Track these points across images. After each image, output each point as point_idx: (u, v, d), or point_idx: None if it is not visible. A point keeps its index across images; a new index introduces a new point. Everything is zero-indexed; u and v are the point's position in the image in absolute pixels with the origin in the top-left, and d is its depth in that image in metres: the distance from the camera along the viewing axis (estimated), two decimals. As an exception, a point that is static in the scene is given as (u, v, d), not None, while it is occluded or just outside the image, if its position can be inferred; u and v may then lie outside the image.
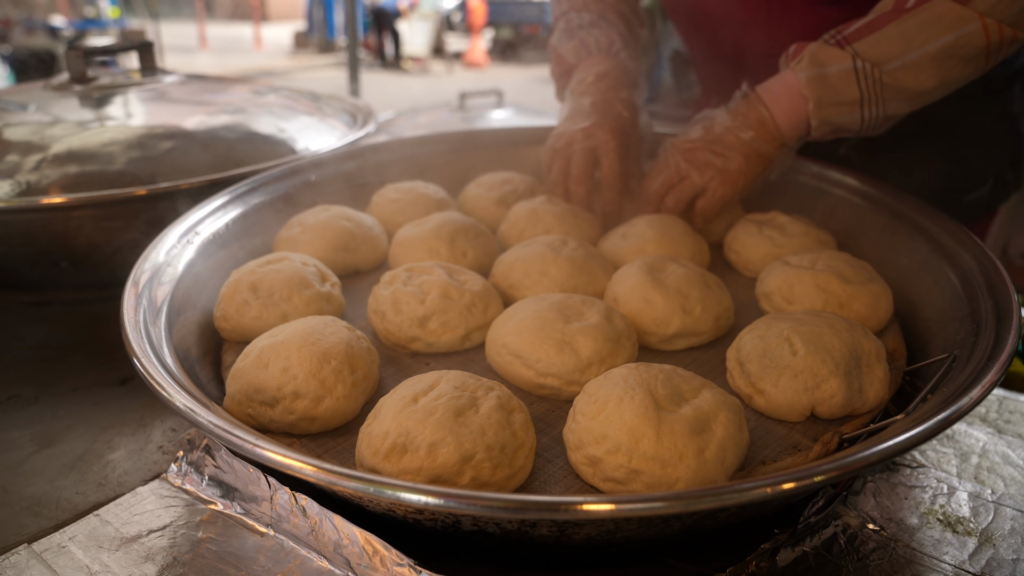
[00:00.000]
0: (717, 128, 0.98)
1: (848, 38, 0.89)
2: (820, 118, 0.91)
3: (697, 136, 0.99)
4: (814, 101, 0.90)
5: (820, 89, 0.89)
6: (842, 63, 0.88)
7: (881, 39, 0.87)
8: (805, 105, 0.91)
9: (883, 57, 0.87)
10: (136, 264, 0.80)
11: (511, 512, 0.48)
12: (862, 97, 0.88)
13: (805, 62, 0.90)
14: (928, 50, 0.85)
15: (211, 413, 0.57)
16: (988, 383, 0.59)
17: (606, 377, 0.66)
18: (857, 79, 0.87)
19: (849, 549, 0.62)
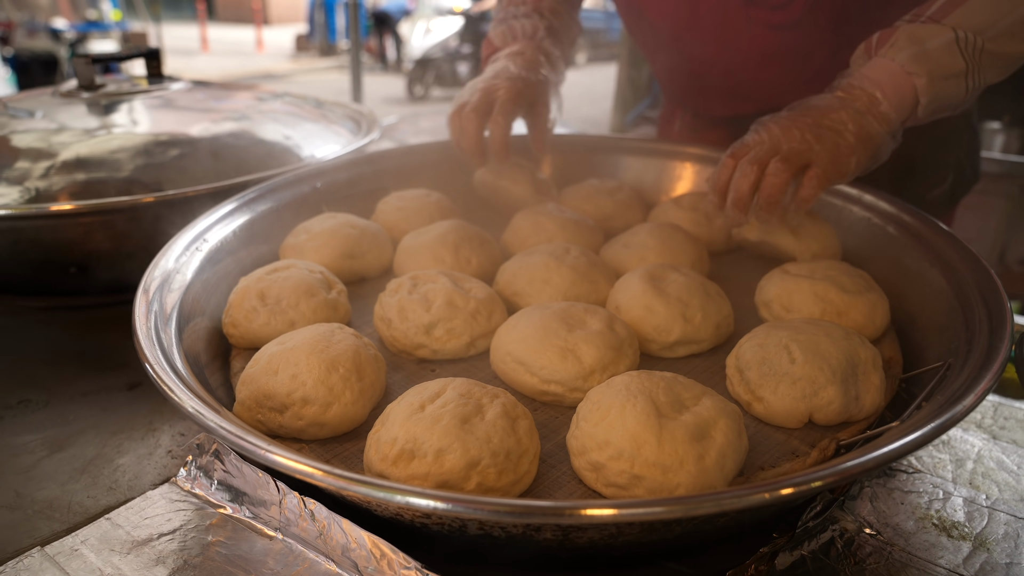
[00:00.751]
0: (821, 104, 0.91)
1: (934, 16, 0.88)
2: (932, 93, 0.88)
3: (803, 111, 0.91)
4: (926, 76, 0.87)
5: (929, 63, 0.86)
6: (942, 36, 0.87)
7: (973, 9, 0.86)
8: (910, 85, 0.88)
9: (980, 26, 0.86)
10: (147, 271, 0.81)
11: (516, 516, 0.49)
12: (967, 67, 0.87)
13: (902, 42, 0.88)
14: (1019, 15, 0.86)
15: (225, 420, 0.59)
16: (981, 391, 0.60)
17: (609, 384, 0.67)
18: (960, 49, 0.86)
19: (846, 553, 0.63)
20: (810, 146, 0.87)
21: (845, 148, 0.88)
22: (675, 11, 1.20)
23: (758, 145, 0.89)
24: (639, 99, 3.05)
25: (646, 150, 1.30)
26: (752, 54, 1.18)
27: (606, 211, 1.16)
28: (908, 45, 0.87)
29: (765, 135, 0.89)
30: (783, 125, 0.89)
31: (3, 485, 0.72)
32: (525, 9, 1.26)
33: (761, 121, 0.92)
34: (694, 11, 1.18)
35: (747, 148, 0.90)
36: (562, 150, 1.34)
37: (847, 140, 0.88)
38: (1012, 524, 0.67)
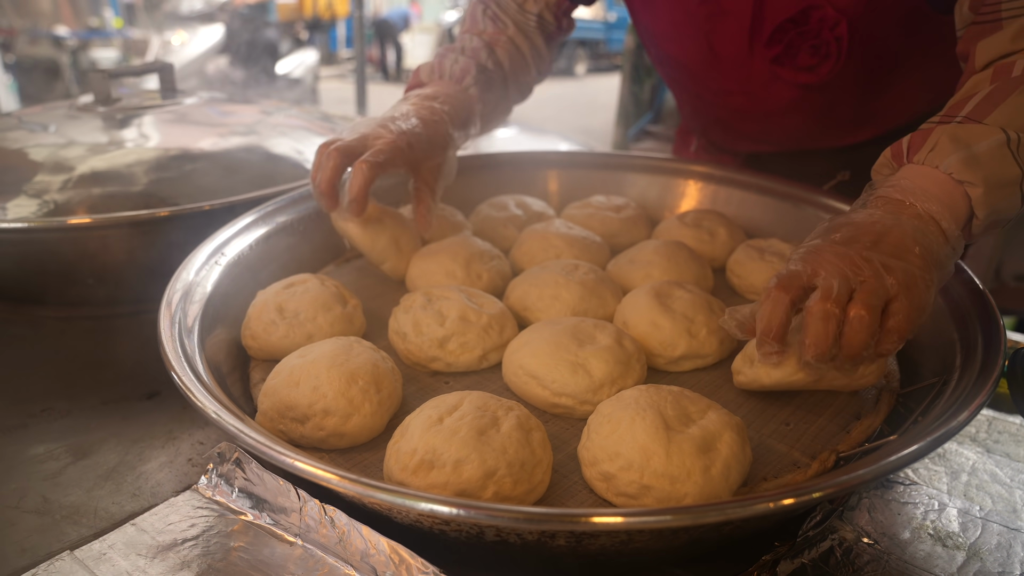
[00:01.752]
0: (877, 228, 0.71)
1: (972, 116, 0.74)
2: (989, 205, 0.72)
3: (849, 235, 0.71)
4: (982, 185, 0.71)
5: (983, 169, 0.71)
6: (991, 137, 0.72)
7: (1015, 110, 0.73)
8: (963, 196, 0.72)
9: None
10: (169, 283, 0.84)
11: (533, 523, 0.52)
12: (1022, 174, 0.72)
13: (945, 145, 0.72)
14: None
15: (251, 428, 0.61)
16: (975, 406, 0.63)
17: (618, 398, 0.70)
18: (1013, 152, 0.72)
19: (845, 561, 0.65)
20: (882, 280, 0.67)
21: (920, 278, 0.68)
22: (697, 61, 1.16)
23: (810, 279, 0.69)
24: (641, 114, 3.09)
25: (650, 167, 1.34)
26: (777, 106, 1.15)
27: (612, 228, 1.19)
28: (954, 149, 0.72)
29: (825, 265, 0.68)
30: (839, 253, 0.69)
31: (31, 491, 0.75)
32: (474, 43, 1.14)
33: (809, 248, 0.72)
34: (716, 63, 1.14)
35: (796, 283, 0.69)
36: (567, 167, 1.37)
37: (916, 267, 0.69)
38: (1005, 535, 0.70)
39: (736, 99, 1.18)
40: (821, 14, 1.01)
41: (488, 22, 1.17)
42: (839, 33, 1.01)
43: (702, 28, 1.11)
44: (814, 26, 1.02)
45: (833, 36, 1.02)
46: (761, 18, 1.05)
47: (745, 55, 1.10)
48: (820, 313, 0.66)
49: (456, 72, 1.10)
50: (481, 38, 1.15)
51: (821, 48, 1.04)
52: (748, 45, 1.08)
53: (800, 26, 1.03)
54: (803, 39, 1.04)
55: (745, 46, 1.09)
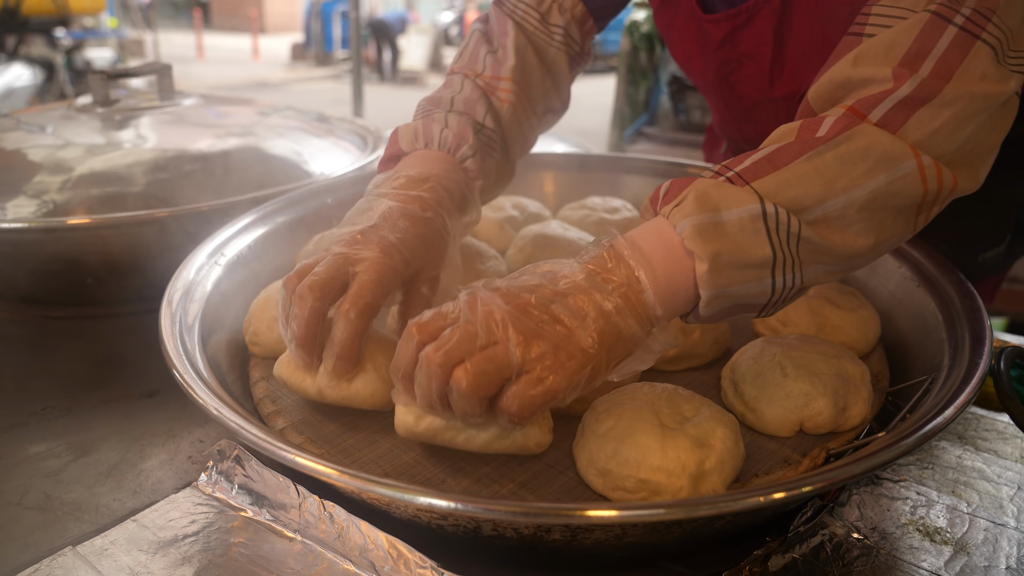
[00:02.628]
0: (562, 284, 0.61)
1: (744, 175, 0.62)
2: (716, 286, 0.61)
3: (531, 285, 0.62)
4: (708, 260, 0.59)
5: (716, 243, 0.60)
6: (744, 206, 0.60)
7: (791, 178, 0.61)
8: (689, 266, 0.61)
9: (798, 203, 0.61)
10: (170, 282, 0.85)
11: (529, 518, 0.53)
12: (775, 257, 0.61)
13: (689, 204, 0.61)
14: (854, 197, 0.61)
15: (251, 425, 0.62)
16: (961, 404, 0.65)
17: (613, 395, 0.71)
18: (767, 231, 0.60)
19: (835, 556, 0.67)
20: (513, 348, 0.58)
21: (570, 356, 0.59)
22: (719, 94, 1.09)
23: (452, 324, 0.61)
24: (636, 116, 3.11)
25: (646, 169, 1.35)
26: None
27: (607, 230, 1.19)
28: (696, 210, 0.61)
29: (467, 311, 0.60)
30: (497, 303, 0.60)
31: (33, 487, 0.76)
32: (469, 92, 0.91)
33: (472, 290, 0.63)
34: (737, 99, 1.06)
35: (438, 324, 0.61)
36: (563, 168, 1.38)
37: (577, 343, 0.59)
38: (991, 530, 0.71)
39: (763, 126, 1.03)
40: None
41: (489, 62, 0.95)
42: None
43: (720, 72, 1.04)
44: None
45: None
46: (782, 67, 0.97)
47: (767, 97, 1.01)
48: (424, 366, 0.60)
49: (448, 141, 0.87)
50: (476, 84, 0.93)
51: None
52: (769, 89, 1.00)
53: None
54: None
55: (767, 90, 1.01)
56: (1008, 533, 0.71)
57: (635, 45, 3.02)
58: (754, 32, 0.96)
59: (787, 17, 0.93)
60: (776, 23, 0.94)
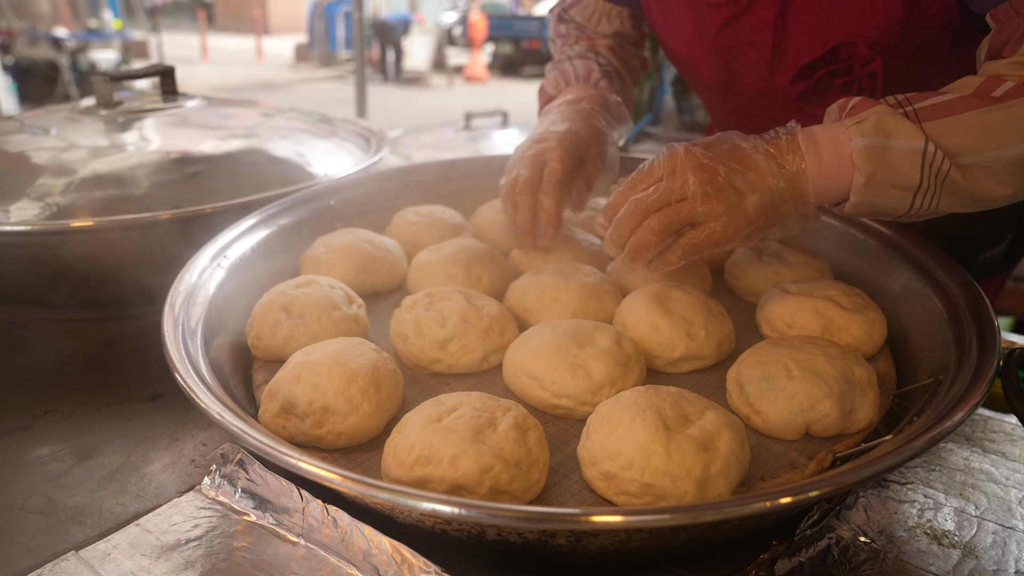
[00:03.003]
0: (745, 159, 0.79)
1: (920, 113, 0.75)
2: (866, 196, 0.76)
3: (721, 152, 0.80)
4: (866, 176, 0.74)
5: (877, 164, 0.74)
6: (911, 140, 0.73)
7: (958, 126, 0.73)
8: (850, 173, 0.76)
9: (957, 148, 0.73)
10: (172, 285, 0.85)
11: (534, 523, 0.53)
12: (920, 185, 0.74)
13: (869, 125, 0.75)
14: (1007, 153, 0.72)
15: (255, 431, 0.62)
16: (970, 406, 0.64)
17: (618, 399, 0.71)
18: (923, 164, 0.73)
19: (842, 560, 0.66)
20: (696, 207, 0.78)
21: (739, 218, 0.77)
22: (719, 86, 1.13)
23: (657, 182, 0.81)
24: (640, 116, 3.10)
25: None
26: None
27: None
28: (873, 132, 0.74)
29: (668, 171, 0.80)
30: (693, 163, 0.78)
31: (36, 492, 0.76)
32: (579, 49, 1.19)
33: (674, 148, 0.81)
34: (737, 91, 1.12)
35: (648, 178, 0.82)
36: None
37: (745, 209, 0.77)
38: (1000, 533, 0.71)
39: (763, 122, 1.06)
40: (852, 50, 0.95)
41: (576, 32, 1.23)
42: (873, 69, 0.95)
43: (720, 59, 1.08)
44: (845, 64, 0.97)
45: (866, 72, 0.96)
46: (783, 55, 1.01)
47: (767, 87, 1.06)
48: (631, 206, 0.81)
49: (581, 73, 1.14)
50: (580, 44, 1.19)
51: (854, 85, 0.98)
52: (770, 78, 1.05)
53: (829, 64, 0.98)
54: (833, 76, 0.99)
55: (767, 79, 1.05)
56: (1017, 536, 0.70)
57: (638, 45, 3.02)
58: (755, 18, 1.00)
59: (788, 5, 0.97)
60: (777, 10, 0.98)
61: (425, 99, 11.11)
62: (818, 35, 0.97)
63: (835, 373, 0.75)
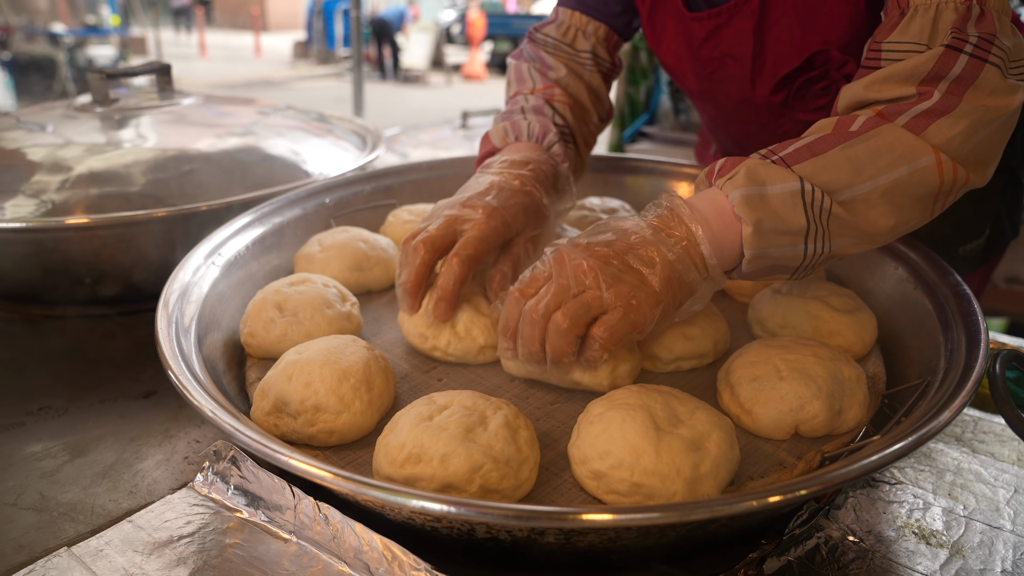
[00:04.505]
0: (633, 238, 0.74)
1: (787, 159, 0.74)
2: (758, 247, 0.72)
3: (606, 240, 0.74)
4: (752, 224, 0.71)
5: (759, 211, 0.71)
6: (787, 183, 0.72)
7: (826, 164, 0.73)
8: (738, 228, 0.73)
9: (832, 185, 0.72)
10: (167, 283, 0.85)
11: (523, 521, 0.53)
12: (808, 227, 0.72)
13: (740, 177, 0.73)
14: (879, 183, 0.72)
15: (248, 428, 0.63)
16: (957, 407, 0.64)
17: (608, 398, 0.71)
18: (804, 205, 0.72)
19: (831, 559, 0.67)
20: (601, 294, 0.71)
21: (646, 297, 0.72)
22: (706, 94, 1.16)
23: (547, 283, 0.74)
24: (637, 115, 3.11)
25: (645, 169, 1.35)
26: (789, 133, 1.08)
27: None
28: (745, 183, 0.73)
29: (556, 269, 0.74)
30: (577, 259, 0.73)
31: (29, 488, 0.76)
32: (535, 101, 1.05)
33: (557, 247, 0.76)
34: (723, 99, 1.14)
35: (535, 284, 0.75)
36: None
37: (650, 286, 0.72)
38: (987, 533, 0.71)
39: (748, 126, 1.17)
40: (826, 57, 0.98)
41: (536, 76, 1.09)
42: (848, 71, 0.98)
43: (704, 70, 1.10)
44: (821, 70, 1.00)
45: (842, 75, 0.99)
46: (762, 66, 1.03)
47: (749, 95, 1.08)
48: (525, 318, 0.74)
49: (536, 131, 1.00)
50: (535, 96, 1.06)
51: (832, 88, 1.01)
52: (751, 88, 1.07)
53: (806, 72, 1.01)
54: (811, 83, 1.02)
55: (748, 89, 1.08)
56: (1004, 536, 0.71)
57: (635, 45, 3.01)
58: (735, 31, 1.03)
59: (765, 18, 1.00)
60: (755, 23, 1.00)
61: (423, 97, 11.11)
62: (794, 46, 0.99)
63: (825, 374, 0.75)
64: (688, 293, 0.75)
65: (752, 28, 1.00)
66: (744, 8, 1.00)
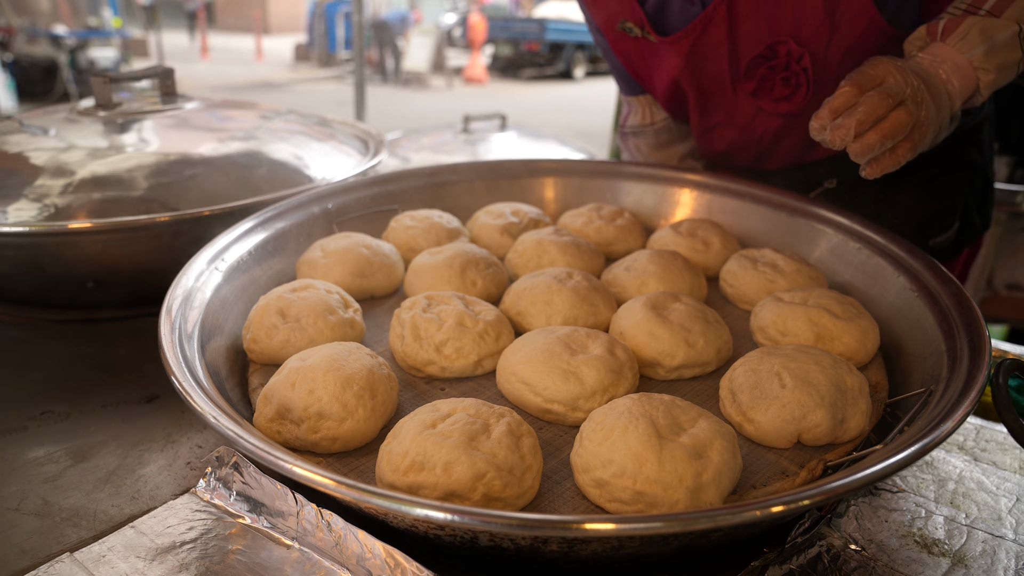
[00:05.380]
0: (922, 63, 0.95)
1: (993, 11, 0.95)
2: (996, 85, 0.96)
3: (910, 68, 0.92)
4: (995, 72, 0.94)
5: (998, 58, 0.94)
6: (1008, 30, 0.94)
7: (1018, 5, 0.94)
8: (974, 78, 0.94)
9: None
10: (169, 288, 0.85)
11: (527, 530, 0.53)
12: (1021, 58, 0.95)
13: (974, 36, 0.94)
14: None
15: (251, 435, 0.63)
16: (960, 416, 0.64)
17: (611, 407, 0.71)
18: (1021, 42, 0.94)
19: (832, 568, 0.67)
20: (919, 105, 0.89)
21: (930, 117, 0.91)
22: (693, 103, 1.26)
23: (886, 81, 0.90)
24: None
25: (646, 176, 1.35)
26: (767, 135, 1.25)
27: (607, 237, 1.20)
28: (980, 40, 0.93)
29: (893, 76, 0.90)
30: (903, 72, 0.90)
31: (31, 493, 0.76)
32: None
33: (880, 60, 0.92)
34: (706, 102, 1.25)
35: (871, 80, 0.90)
36: (564, 175, 1.38)
37: (929, 109, 0.91)
38: (989, 542, 0.71)
39: (729, 132, 1.28)
40: (787, 48, 1.12)
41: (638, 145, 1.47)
42: (804, 64, 1.12)
43: (692, 79, 1.22)
44: (782, 60, 1.13)
45: (800, 67, 1.13)
46: (737, 56, 1.17)
47: (729, 91, 1.22)
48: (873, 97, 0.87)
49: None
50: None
51: (791, 79, 1.14)
52: (730, 82, 1.20)
53: (770, 60, 1.14)
54: (774, 72, 1.15)
55: (728, 83, 1.20)
56: (1006, 545, 0.71)
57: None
58: (710, 38, 1.15)
59: (734, 20, 1.13)
60: (727, 26, 1.14)
61: (424, 100, 11.12)
62: (759, 36, 1.13)
63: (827, 382, 0.75)
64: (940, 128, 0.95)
65: (725, 31, 1.14)
66: (715, 15, 1.13)
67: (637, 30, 1.21)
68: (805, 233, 1.15)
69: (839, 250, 1.09)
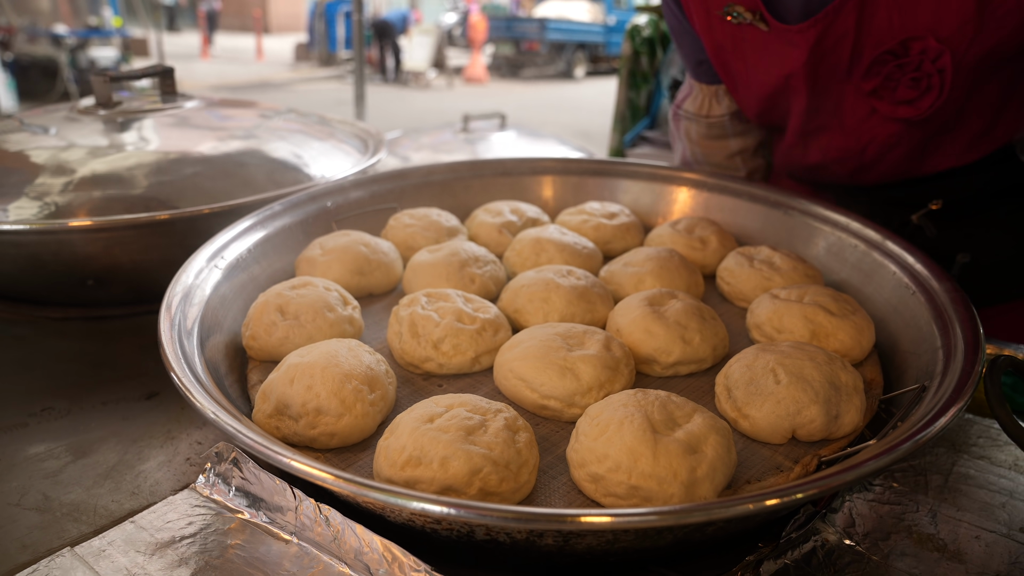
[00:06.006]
0: None
1: None
2: None
3: None
4: None
5: None
6: None
7: None
8: None
9: None
10: (169, 286, 0.85)
11: (522, 523, 0.54)
12: None
13: None
14: None
15: (250, 431, 0.63)
16: (953, 412, 0.65)
17: (606, 402, 0.72)
18: None
19: (827, 562, 0.67)
20: None
21: None
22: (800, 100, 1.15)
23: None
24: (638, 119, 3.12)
25: (644, 174, 1.35)
26: (875, 142, 1.13)
27: (605, 234, 1.21)
28: None
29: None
30: None
31: (32, 488, 0.76)
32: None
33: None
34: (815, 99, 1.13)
35: None
36: (562, 173, 1.39)
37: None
38: (983, 537, 0.72)
39: (832, 137, 1.15)
40: (923, 45, 0.98)
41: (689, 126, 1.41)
42: (941, 65, 0.98)
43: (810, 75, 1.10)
44: (915, 58, 1.00)
45: (935, 68, 0.99)
46: (860, 50, 1.04)
47: (842, 89, 1.09)
48: None
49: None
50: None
51: (922, 81, 1.00)
52: (847, 77, 1.07)
53: (900, 58, 1.01)
54: (902, 71, 1.02)
55: (843, 79, 1.08)
56: (1000, 540, 0.71)
57: (636, 49, 3.03)
58: (837, 27, 1.03)
59: (865, 8, 1.01)
60: (857, 15, 1.01)
61: (424, 100, 11.13)
62: (891, 30, 1.00)
63: (822, 378, 0.76)
64: None
65: (855, 21, 1.02)
66: (848, 4, 1.00)
67: (748, 15, 1.08)
68: (802, 231, 1.15)
69: (836, 248, 1.10)
